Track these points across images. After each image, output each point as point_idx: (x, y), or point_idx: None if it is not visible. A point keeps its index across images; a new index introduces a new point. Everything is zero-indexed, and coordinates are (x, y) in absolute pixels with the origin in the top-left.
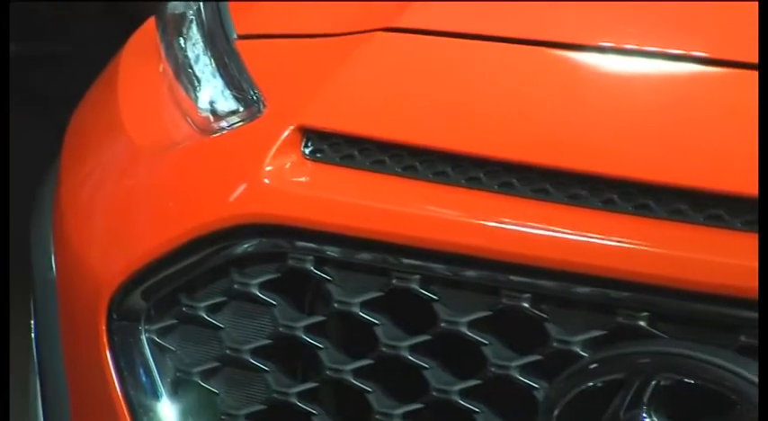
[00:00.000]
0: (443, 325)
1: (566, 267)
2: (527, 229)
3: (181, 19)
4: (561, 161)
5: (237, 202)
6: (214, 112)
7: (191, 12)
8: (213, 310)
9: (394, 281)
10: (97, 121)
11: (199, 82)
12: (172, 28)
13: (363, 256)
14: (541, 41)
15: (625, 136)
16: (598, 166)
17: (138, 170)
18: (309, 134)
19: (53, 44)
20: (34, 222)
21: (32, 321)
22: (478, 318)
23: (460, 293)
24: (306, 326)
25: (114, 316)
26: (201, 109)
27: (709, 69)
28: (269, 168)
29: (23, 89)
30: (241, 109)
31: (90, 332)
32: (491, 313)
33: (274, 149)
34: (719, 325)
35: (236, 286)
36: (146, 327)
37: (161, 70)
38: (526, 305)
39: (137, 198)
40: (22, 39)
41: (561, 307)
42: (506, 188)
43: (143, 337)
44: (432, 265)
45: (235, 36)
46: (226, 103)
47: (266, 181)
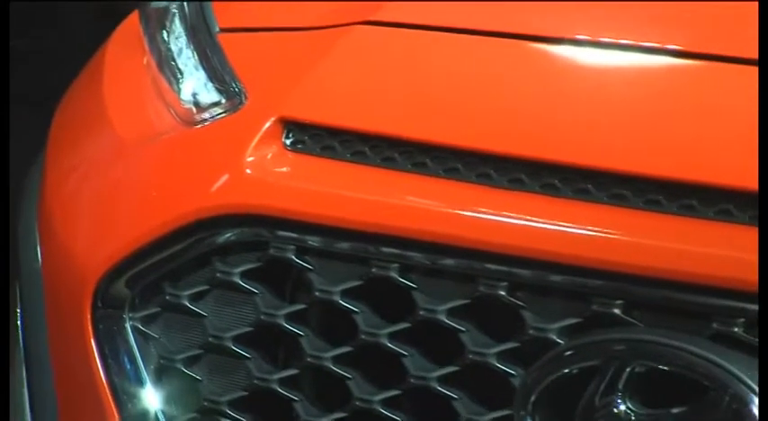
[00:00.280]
0: (422, 313)
1: (541, 256)
2: (504, 219)
3: (164, 13)
4: (537, 152)
5: (220, 192)
6: (197, 104)
7: (173, 6)
8: (196, 299)
9: (373, 269)
10: (82, 113)
11: (182, 74)
12: (155, 21)
13: (343, 246)
14: (519, 35)
15: (600, 127)
16: (573, 157)
17: (123, 161)
18: (290, 125)
19: (40, 40)
20: (20, 212)
21: (18, 309)
22: (456, 306)
23: (439, 282)
24: (287, 314)
25: (99, 304)
26: (184, 101)
27: (686, 62)
28: (251, 159)
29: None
30: (223, 101)
31: (75, 320)
32: (469, 301)
33: (256, 140)
34: (692, 313)
35: (218, 275)
36: (130, 315)
37: (145, 63)
38: (503, 293)
39: (121, 188)
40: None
41: (537, 295)
42: (483, 178)
43: (127, 325)
44: (410, 254)
45: (217, 29)
46: (208, 95)
47: (248, 171)
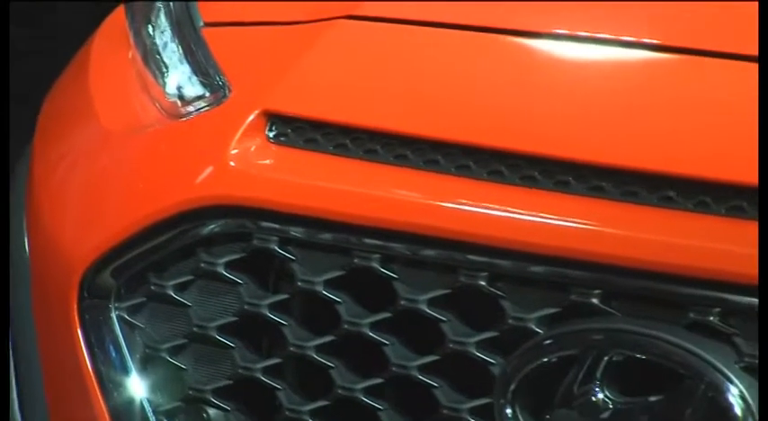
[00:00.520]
0: (403, 302)
1: (521, 247)
2: (483, 210)
3: (149, 7)
4: (517, 144)
5: (204, 184)
6: (181, 97)
7: (159, 2)
8: (181, 289)
9: (355, 260)
10: (69, 106)
11: (167, 68)
12: (140, 16)
13: (326, 236)
14: (500, 29)
15: (579, 120)
16: (552, 149)
17: (109, 153)
18: (274, 118)
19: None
20: (8, 203)
21: None
22: (437, 296)
23: (420, 272)
24: (270, 303)
25: (85, 294)
26: (169, 94)
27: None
28: (234, 151)
29: None
30: (207, 94)
31: (62, 310)
32: (449, 291)
33: (240, 133)
34: (670, 303)
35: (202, 265)
36: (116, 305)
37: (130, 57)
38: (483, 283)
39: (107, 180)
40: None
41: (517, 285)
42: (463, 170)
43: (113, 315)
44: (392, 245)
45: (201, 24)
46: (193, 89)
47: (232, 163)
